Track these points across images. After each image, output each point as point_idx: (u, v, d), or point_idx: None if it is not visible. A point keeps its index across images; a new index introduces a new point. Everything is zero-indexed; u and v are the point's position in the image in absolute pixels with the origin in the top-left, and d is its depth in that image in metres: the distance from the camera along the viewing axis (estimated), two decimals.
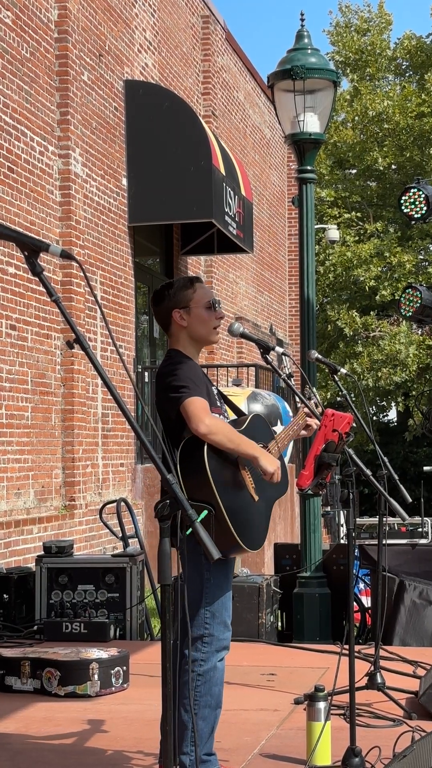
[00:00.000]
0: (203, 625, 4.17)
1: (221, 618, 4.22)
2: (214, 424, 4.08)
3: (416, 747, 4.06)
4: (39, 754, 5.01)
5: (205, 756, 4.24)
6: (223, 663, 4.29)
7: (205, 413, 4.08)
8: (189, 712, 4.14)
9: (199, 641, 4.19)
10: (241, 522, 4.14)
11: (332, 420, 4.50)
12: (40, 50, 11.04)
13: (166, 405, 4.19)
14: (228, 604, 4.28)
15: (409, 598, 7.82)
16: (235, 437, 4.14)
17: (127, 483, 12.79)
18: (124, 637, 7.69)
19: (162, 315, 4.42)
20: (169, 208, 13.38)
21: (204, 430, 4.05)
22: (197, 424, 4.05)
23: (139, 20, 13.97)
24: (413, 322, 10.66)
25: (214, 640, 4.21)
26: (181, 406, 4.10)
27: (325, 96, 8.65)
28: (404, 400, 29.98)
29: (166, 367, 4.27)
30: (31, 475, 10.46)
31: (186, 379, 4.16)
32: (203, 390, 4.18)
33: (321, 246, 28.24)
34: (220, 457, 4.13)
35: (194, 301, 4.36)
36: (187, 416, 4.08)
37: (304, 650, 7.33)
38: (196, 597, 4.16)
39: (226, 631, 4.26)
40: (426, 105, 28.69)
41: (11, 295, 10.17)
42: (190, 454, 4.09)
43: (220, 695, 4.30)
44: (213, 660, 4.22)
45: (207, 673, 4.20)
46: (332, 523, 19.36)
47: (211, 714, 4.25)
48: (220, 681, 4.29)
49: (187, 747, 4.16)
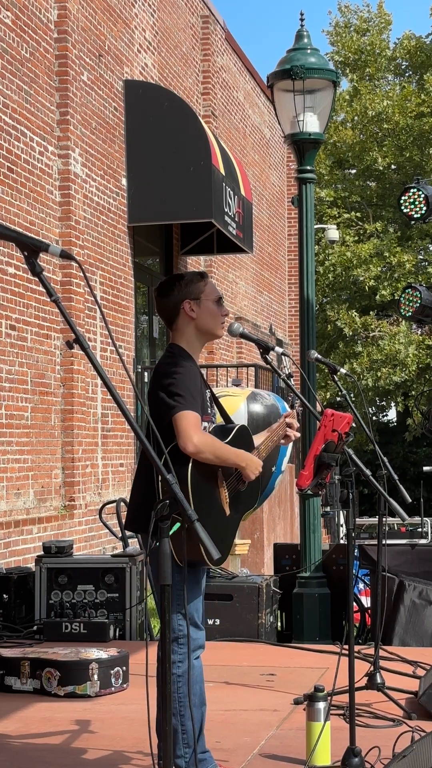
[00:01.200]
0: (176, 627, 4.19)
1: (193, 620, 4.25)
2: (201, 442, 4.09)
3: (416, 747, 4.06)
4: (39, 754, 5.01)
5: (200, 755, 4.25)
6: (199, 660, 4.32)
7: (195, 430, 4.09)
8: (176, 716, 4.15)
9: (175, 643, 4.21)
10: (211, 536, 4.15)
11: (332, 420, 4.49)
12: (39, 50, 11.04)
13: (159, 405, 4.19)
14: (199, 606, 4.32)
15: (408, 598, 7.81)
16: (221, 453, 4.17)
17: (127, 483, 12.79)
18: (123, 637, 7.68)
19: (169, 306, 4.38)
20: (169, 208, 13.38)
21: (192, 450, 4.07)
22: (185, 443, 4.06)
23: (139, 20, 13.97)
24: (413, 322, 10.66)
25: (188, 641, 4.23)
26: (173, 417, 4.10)
27: (325, 96, 8.65)
28: (404, 400, 29.98)
29: (168, 366, 4.24)
30: (31, 475, 10.46)
31: (183, 387, 4.15)
32: (198, 401, 4.18)
33: (321, 246, 28.24)
34: (203, 472, 4.15)
35: (205, 294, 4.35)
36: (177, 431, 4.09)
37: (303, 650, 7.33)
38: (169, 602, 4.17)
39: (198, 631, 4.30)
40: (425, 105, 28.70)
41: (11, 295, 10.17)
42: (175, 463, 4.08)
43: (202, 693, 4.33)
44: (190, 659, 4.24)
45: (185, 673, 4.22)
46: (332, 523, 19.36)
47: (197, 712, 4.26)
48: (200, 678, 4.33)
49: (180, 750, 4.17)
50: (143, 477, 4.25)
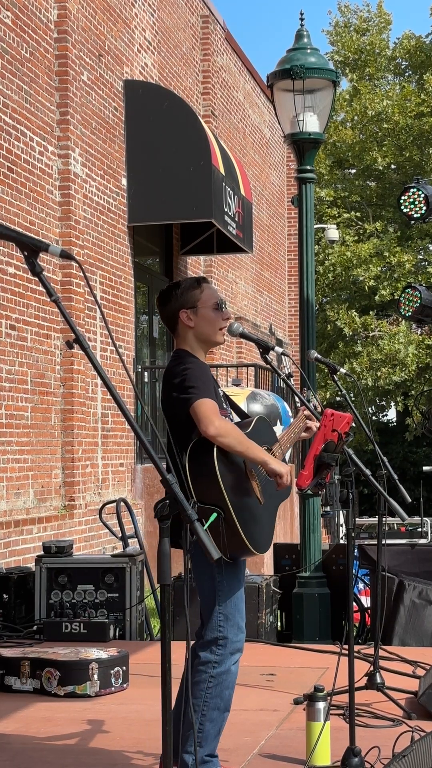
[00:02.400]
0: (217, 627, 4.17)
1: (234, 620, 4.22)
2: (223, 427, 4.07)
3: (416, 747, 4.06)
4: (39, 754, 5.01)
5: (207, 757, 4.24)
6: (237, 666, 4.28)
7: (215, 415, 4.07)
8: (197, 713, 4.15)
9: (214, 644, 4.19)
10: (250, 525, 4.15)
11: (332, 420, 4.49)
12: (39, 50, 11.04)
13: (174, 405, 4.18)
14: (241, 606, 4.26)
15: (408, 598, 7.81)
16: (244, 440, 4.14)
17: (127, 483, 12.79)
18: (123, 637, 7.69)
19: (168, 315, 4.40)
20: (169, 208, 13.38)
21: (213, 432, 4.04)
22: (207, 426, 4.04)
23: (139, 20, 13.97)
24: (413, 322, 10.65)
25: (228, 643, 4.20)
26: (191, 407, 4.09)
27: (325, 96, 8.65)
28: (403, 399, 29.97)
29: (176, 366, 4.25)
30: (31, 475, 10.47)
31: (196, 379, 4.15)
32: (212, 391, 4.17)
33: (320, 246, 28.25)
34: (228, 460, 4.13)
35: (201, 302, 4.35)
36: (197, 418, 4.07)
37: (303, 650, 7.33)
38: (209, 600, 4.17)
39: (239, 633, 4.25)
40: (425, 105, 28.69)
41: (11, 295, 10.17)
42: (199, 456, 4.09)
43: (230, 699, 4.29)
44: (227, 663, 4.21)
45: (220, 675, 4.20)
46: (332, 523, 19.37)
47: (219, 716, 4.25)
48: (232, 685, 4.28)
49: (191, 746, 4.16)
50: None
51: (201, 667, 4.17)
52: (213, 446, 4.07)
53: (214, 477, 4.05)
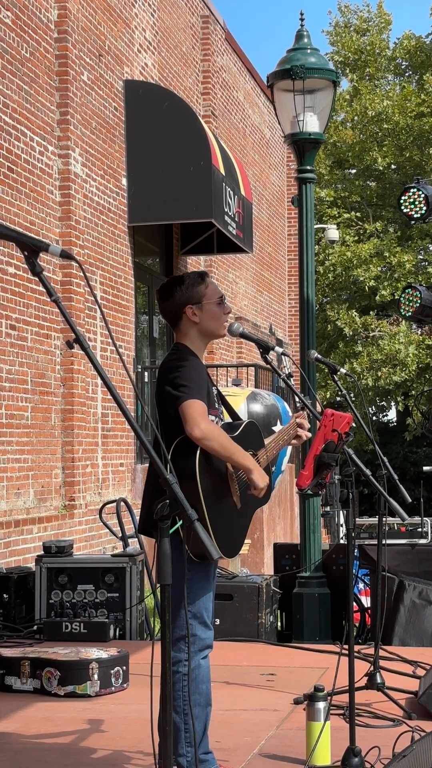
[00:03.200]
0: (184, 625, 4.17)
1: (202, 619, 4.22)
2: (209, 430, 4.07)
3: (416, 747, 4.06)
4: (39, 754, 5.01)
5: (203, 755, 4.24)
6: (207, 660, 4.28)
7: (201, 417, 4.07)
8: (179, 714, 4.14)
9: (182, 641, 4.17)
10: (221, 530, 4.15)
11: (332, 420, 4.49)
12: (39, 50, 11.04)
13: (165, 399, 4.19)
14: (209, 605, 4.28)
15: (408, 598, 7.81)
16: (228, 445, 4.14)
17: (127, 483, 12.79)
18: (123, 637, 7.69)
19: (171, 310, 4.38)
20: (169, 208, 13.38)
21: (198, 435, 4.05)
22: (192, 428, 4.04)
23: (139, 20, 13.97)
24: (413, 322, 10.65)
25: (196, 640, 4.21)
26: (180, 406, 4.09)
27: (325, 96, 8.65)
28: (404, 399, 29.98)
29: (172, 361, 4.25)
30: (31, 475, 10.47)
31: (189, 379, 4.15)
32: (204, 392, 4.17)
33: (321, 246, 28.25)
34: (210, 462, 4.13)
35: (206, 297, 4.35)
36: (184, 418, 4.07)
37: (303, 650, 7.33)
38: (177, 598, 4.16)
39: (207, 631, 4.26)
40: (425, 105, 28.70)
41: (11, 295, 10.17)
42: (182, 456, 4.09)
43: (208, 693, 4.29)
44: (197, 658, 4.22)
45: (192, 671, 4.20)
46: (332, 523, 19.36)
47: (202, 712, 4.24)
48: (207, 678, 4.28)
49: (183, 749, 4.16)
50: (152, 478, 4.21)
51: (173, 668, 4.16)
52: (197, 448, 4.08)
53: (193, 480, 4.05)
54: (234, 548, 4.29)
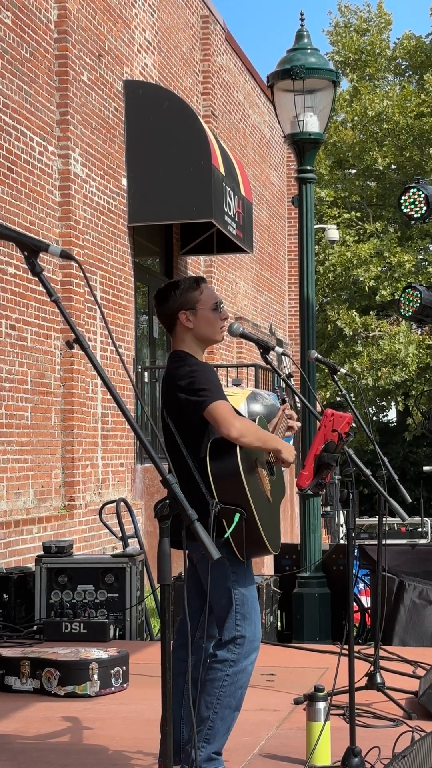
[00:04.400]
0: (235, 627, 4.19)
1: (251, 619, 4.24)
2: (244, 427, 4.10)
3: (416, 747, 4.06)
4: (39, 754, 5.01)
5: (214, 754, 4.26)
6: (252, 666, 4.29)
7: (233, 416, 4.10)
8: (210, 710, 4.16)
9: (232, 643, 4.20)
10: (266, 526, 4.18)
11: (332, 420, 4.49)
12: (39, 50, 11.04)
13: (183, 407, 4.17)
14: (256, 604, 4.29)
15: (408, 598, 7.81)
16: (262, 435, 4.19)
17: (127, 483, 12.79)
18: (123, 637, 7.69)
19: (166, 316, 4.39)
20: (169, 208, 13.38)
21: (236, 434, 4.07)
22: (228, 429, 4.07)
23: (139, 20, 13.97)
24: (413, 322, 10.66)
25: (245, 642, 4.22)
26: (206, 410, 4.10)
27: (325, 96, 8.65)
28: (404, 399, 29.98)
29: (181, 368, 4.24)
30: (31, 475, 10.46)
31: (206, 381, 4.16)
32: (222, 392, 4.19)
33: (321, 246, 28.25)
34: (248, 460, 4.16)
35: (201, 303, 4.35)
36: (216, 421, 4.09)
37: (303, 650, 7.33)
38: (226, 600, 4.17)
39: (256, 632, 4.27)
40: (425, 105, 28.70)
41: (11, 295, 10.17)
42: (221, 456, 4.10)
43: (242, 699, 4.30)
44: (244, 662, 4.23)
45: (236, 674, 4.21)
46: (332, 523, 19.36)
47: (230, 715, 4.26)
48: (246, 685, 4.29)
49: (199, 742, 4.18)
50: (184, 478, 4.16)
51: (217, 665, 4.18)
52: (235, 447, 4.10)
53: (238, 478, 4.07)
54: (278, 541, 4.34)
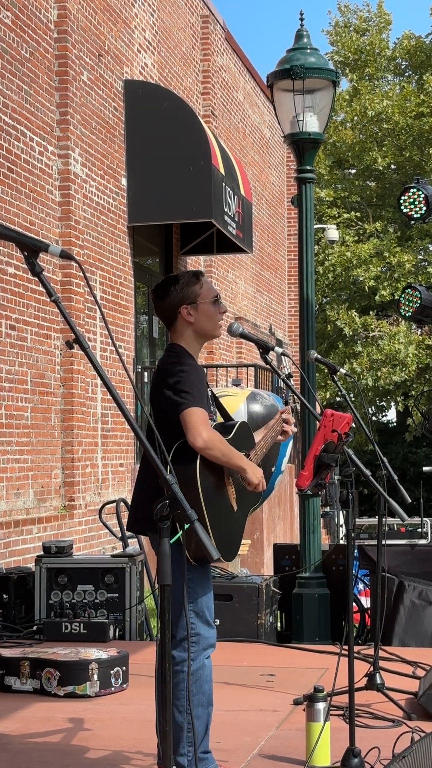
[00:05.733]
0: (189, 625, 4.18)
1: (205, 617, 4.24)
2: (210, 439, 4.10)
3: (415, 748, 4.06)
4: (39, 754, 5.01)
5: (201, 754, 4.25)
6: (210, 660, 4.30)
7: (204, 426, 4.10)
8: (182, 713, 4.15)
9: (185, 641, 4.19)
10: (220, 533, 4.17)
11: (331, 420, 4.49)
12: (39, 50, 11.04)
13: (165, 403, 4.19)
14: (210, 604, 4.30)
15: (408, 598, 7.81)
16: (227, 451, 4.18)
17: (127, 483, 12.79)
18: (123, 637, 7.68)
19: (166, 310, 4.38)
20: (169, 208, 13.38)
21: (201, 445, 4.08)
22: (195, 437, 4.07)
23: (139, 20, 13.96)
24: (413, 322, 10.66)
25: (200, 639, 4.22)
26: (182, 413, 4.11)
27: (325, 96, 8.64)
28: (404, 400, 29.98)
29: (171, 365, 4.24)
30: (31, 475, 10.46)
31: (191, 385, 4.16)
32: (204, 399, 4.19)
33: (320, 246, 28.24)
34: (210, 468, 4.16)
35: (201, 297, 4.35)
36: (186, 426, 4.09)
37: (303, 651, 7.33)
38: (179, 598, 4.16)
39: (210, 629, 4.28)
40: (425, 105, 28.70)
41: (11, 295, 10.17)
42: (183, 460, 4.10)
43: (210, 693, 4.31)
44: (200, 658, 4.24)
45: (196, 671, 4.21)
46: (332, 524, 19.35)
47: (204, 712, 4.26)
48: (209, 678, 4.30)
49: (184, 748, 4.17)
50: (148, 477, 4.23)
51: (177, 667, 4.18)
52: (197, 454, 4.11)
53: (194, 485, 4.07)
54: (233, 550, 4.33)
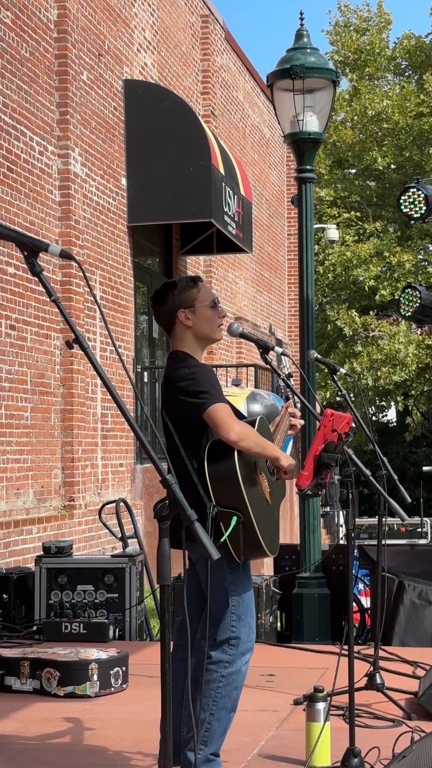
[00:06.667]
0: (230, 628, 4.19)
1: (246, 620, 4.25)
2: (243, 431, 4.11)
3: (415, 748, 4.06)
4: (39, 754, 5.01)
5: (212, 756, 4.27)
6: (246, 667, 4.30)
7: (233, 420, 4.11)
8: (206, 712, 4.17)
9: (226, 644, 4.21)
10: (264, 528, 4.18)
11: (331, 420, 4.49)
12: (39, 50, 11.04)
13: (182, 409, 4.17)
14: (252, 606, 4.30)
15: (408, 598, 7.81)
16: (260, 441, 4.19)
17: (127, 483, 12.79)
18: (123, 637, 7.68)
19: (165, 315, 4.40)
20: (169, 208, 13.38)
21: (234, 438, 4.08)
22: (227, 432, 4.07)
23: (139, 20, 13.96)
24: (413, 322, 10.66)
25: (240, 643, 4.23)
26: (206, 413, 4.10)
27: (325, 95, 8.64)
28: (404, 399, 29.98)
29: (178, 370, 4.24)
30: (31, 475, 10.46)
31: (206, 384, 4.16)
32: (221, 393, 4.19)
33: (320, 246, 28.24)
34: (246, 463, 4.16)
35: (199, 301, 4.36)
36: (215, 423, 4.09)
37: (303, 651, 7.33)
38: (222, 601, 4.17)
39: (251, 633, 4.28)
40: (425, 105, 28.70)
41: (11, 295, 10.16)
42: (219, 459, 4.10)
43: (237, 699, 4.31)
44: (238, 663, 4.24)
45: (231, 675, 4.23)
46: (332, 524, 19.35)
47: (226, 716, 4.27)
48: (241, 685, 4.31)
49: (199, 744, 4.18)
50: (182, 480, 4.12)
51: (212, 667, 4.19)
52: (233, 450, 4.10)
53: (236, 481, 4.07)
54: (276, 543, 4.35)
